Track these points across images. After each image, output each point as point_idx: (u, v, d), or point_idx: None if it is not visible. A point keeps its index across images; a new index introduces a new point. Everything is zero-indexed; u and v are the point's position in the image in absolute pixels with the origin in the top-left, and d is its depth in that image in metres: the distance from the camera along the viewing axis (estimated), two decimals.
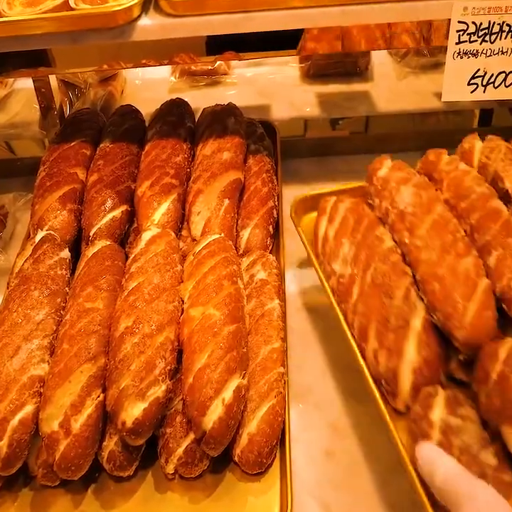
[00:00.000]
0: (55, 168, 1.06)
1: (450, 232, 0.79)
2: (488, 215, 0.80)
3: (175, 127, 1.13)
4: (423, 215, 0.81)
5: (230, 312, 0.82)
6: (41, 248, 0.94)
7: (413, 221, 0.81)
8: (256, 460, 0.78)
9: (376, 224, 0.86)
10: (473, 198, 0.82)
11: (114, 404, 0.75)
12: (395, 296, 0.76)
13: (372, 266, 0.80)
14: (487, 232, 0.78)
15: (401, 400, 0.72)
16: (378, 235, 0.84)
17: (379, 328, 0.75)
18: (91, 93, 1.41)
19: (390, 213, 0.85)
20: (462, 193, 0.84)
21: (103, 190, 1.02)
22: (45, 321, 0.85)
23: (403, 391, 0.72)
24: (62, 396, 0.76)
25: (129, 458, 0.78)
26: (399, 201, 0.84)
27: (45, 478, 0.78)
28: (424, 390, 0.69)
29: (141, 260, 0.89)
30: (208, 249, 0.91)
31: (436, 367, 0.73)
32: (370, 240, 0.84)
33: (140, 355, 0.77)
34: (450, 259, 0.75)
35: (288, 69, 1.55)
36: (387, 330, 0.74)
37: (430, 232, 0.79)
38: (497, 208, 0.81)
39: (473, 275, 0.74)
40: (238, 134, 1.11)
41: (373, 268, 0.80)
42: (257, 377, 0.81)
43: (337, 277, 0.84)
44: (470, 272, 0.74)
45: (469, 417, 0.65)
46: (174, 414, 0.80)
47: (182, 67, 1.52)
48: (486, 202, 0.82)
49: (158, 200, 1.01)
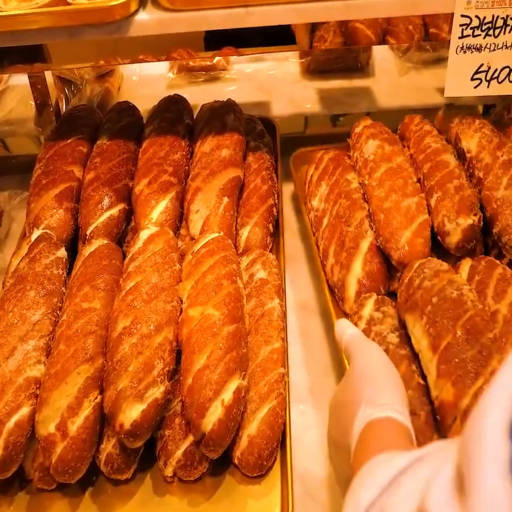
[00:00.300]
0: (51, 166, 1.06)
1: (402, 178, 0.97)
2: (436, 165, 0.98)
3: (173, 124, 1.12)
4: (382, 162, 1.00)
5: (229, 312, 0.81)
6: (37, 247, 0.93)
7: (373, 167, 1.01)
8: (256, 462, 0.77)
9: (349, 170, 1.07)
10: (428, 152, 1.01)
11: (112, 406, 0.75)
12: (351, 224, 0.96)
13: (339, 202, 1.01)
14: (433, 179, 0.96)
15: (347, 304, 0.92)
16: (349, 178, 1.05)
17: (336, 249, 0.96)
18: (87, 89, 1.41)
19: (358, 161, 1.06)
20: (421, 148, 1.02)
21: (100, 188, 1.02)
22: (42, 321, 0.84)
23: (349, 297, 0.92)
24: (58, 398, 0.75)
25: (127, 461, 0.78)
26: (365, 151, 1.04)
27: (41, 481, 0.78)
28: (362, 295, 0.89)
29: (139, 259, 0.89)
30: (207, 248, 0.90)
31: (375, 279, 0.92)
32: (341, 182, 1.04)
33: (138, 355, 0.77)
34: (396, 197, 0.94)
35: (288, 64, 1.55)
36: (342, 250, 0.95)
37: (384, 176, 0.98)
38: (445, 160, 0.98)
39: (414, 211, 0.93)
40: (237, 131, 1.11)
41: (339, 203, 1.01)
42: (257, 378, 0.81)
43: (314, 211, 1.06)
44: (411, 208, 0.93)
45: (389, 313, 0.84)
46: (173, 416, 0.79)
47: (180, 63, 1.52)
48: (437, 155, 0.99)
49: (156, 199, 1.01)
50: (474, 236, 0.91)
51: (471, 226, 0.90)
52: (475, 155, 0.98)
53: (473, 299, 0.77)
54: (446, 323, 0.72)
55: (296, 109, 1.42)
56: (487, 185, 0.94)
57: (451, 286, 0.77)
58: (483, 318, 0.74)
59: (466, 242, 0.91)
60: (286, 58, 1.56)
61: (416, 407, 0.71)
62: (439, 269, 0.81)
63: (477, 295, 0.80)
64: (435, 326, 0.73)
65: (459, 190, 0.93)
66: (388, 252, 0.92)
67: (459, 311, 0.73)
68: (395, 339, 0.80)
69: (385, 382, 0.60)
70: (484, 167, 0.96)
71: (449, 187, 0.93)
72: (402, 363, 0.76)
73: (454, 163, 0.98)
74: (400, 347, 0.79)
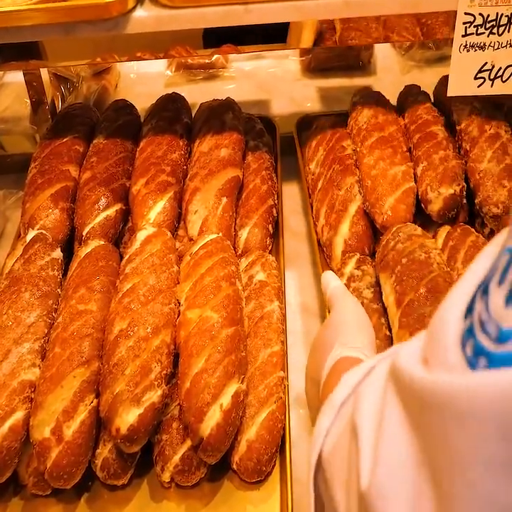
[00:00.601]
0: (47, 165, 1.05)
1: (392, 147, 1.04)
2: (425, 136, 1.04)
3: (171, 123, 1.12)
4: (374, 131, 1.07)
5: (228, 314, 0.81)
6: (32, 248, 0.93)
7: (365, 135, 1.08)
8: (255, 468, 0.77)
9: (345, 137, 1.14)
10: (419, 123, 1.07)
11: (108, 410, 0.75)
12: (342, 188, 1.04)
13: (333, 167, 1.08)
14: (421, 149, 1.03)
15: (334, 262, 1.00)
16: (344, 145, 1.12)
17: (327, 211, 1.04)
18: (84, 87, 1.41)
19: (353, 129, 1.13)
20: (413, 119, 1.09)
21: (96, 188, 1.02)
22: (37, 323, 0.84)
23: (336, 256, 1.00)
24: (53, 402, 0.75)
25: (123, 466, 0.77)
26: (360, 120, 1.12)
27: (36, 487, 0.78)
28: (347, 254, 0.98)
29: (136, 261, 0.88)
30: (206, 250, 0.90)
31: (360, 241, 1.00)
32: (336, 148, 1.12)
33: (135, 359, 0.77)
34: (384, 165, 1.01)
35: (288, 62, 1.54)
36: (332, 212, 1.03)
37: (375, 144, 1.05)
38: (434, 132, 1.04)
39: (399, 179, 1.00)
40: (236, 130, 1.11)
41: (333, 168, 1.08)
42: (256, 381, 0.81)
43: (311, 175, 1.14)
44: (398, 176, 1.00)
45: (368, 272, 0.93)
46: (170, 421, 0.79)
47: (178, 61, 1.51)
48: (427, 127, 1.06)
49: (153, 199, 1.01)
50: (455, 205, 0.99)
51: (452, 195, 0.97)
52: (464, 128, 1.05)
53: (440, 262, 0.85)
54: (410, 282, 0.81)
55: (296, 108, 1.41)
56: (472, 157, 1.01)
57: (421, 249, 0.86)
58: (446, 279, 0.82)
59: (447, 211, 0.98)
60: (286, 56, 1.56)
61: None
62: (413, 233, 0.90)
63: (449, 259, 0.90)
64: (401, 284, 0.82)
65: (443, 160, 1.00)
66: (373, 216, 0.99)
67: (424, 272, 0.82)
68: (370, 295, 0.89)
69: (358, 330, 0.67)
70: (471, 140, 1.03)
71: (435, 158, 1.00)
72: (373, 316, 0.85)
73: (442, 134, 1.04)
74: (373, 302, 0.88)
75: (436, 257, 0.85)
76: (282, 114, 1.38)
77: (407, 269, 0.83)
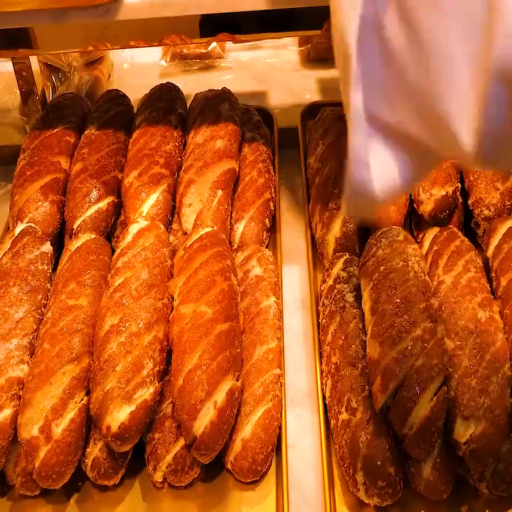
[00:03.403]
0: (36, 157, 1.06)
1: None
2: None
3: (165, 113, 1.12)
4: None
5: (222, 310, 0.81)
6: (21, 241, 0.93)
7: None
8: (250, 467, 0.78)
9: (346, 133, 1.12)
10: None
11: (99, 408, 0.75)
12: (337, 187, 1.04)
13: (329, 163, 1.09)
14: None
15: (326, 260, 1.02)
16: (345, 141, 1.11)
17: (321, 208, 1.06)
18: (75, 77, 1.41)
19: None
20: None
21: (88, 180, 1.02)
22: (25, 319, 0.84)
23: (328, 254, 1.03)
24: (42, 399, 0.75)
25: (114, 465, 0.78)
26: None
27: (24, 487, 0.78)
28: (336, 254, 1.00)
29: (128, 254, 0.89)
30: (200, 243, 0.91)
31: (351, 240, 1.01)
32: (336, 142, 1.10)
33: (126, 355, 0.77)
34: None
35: (286, 53, 1.55)
36: (326, 210, 1.04)
37: None
38: None
39: None
40: (232, 121, 1.11)
41: (329, 166, 1.08)
42: (251, 379, 0.81)
43: (310, 169, 1.14)
44: None
45: (354, 274, 0.95)
46: (163, 419, 0.79)
47: (173, 51, 1.52)
48: None
49: (146, 191, 1.01)
50: (447, 206, 1.01)
51: (443, 197, 1.00)
52: None
53: (418, 270, 0.86)
54: (385, 291, 0.84)
55: (294, 100, 1.41)
56: None
57: (400, 256, 0.88)
58: (420, 288, 0.84)
59: (438, 212, 1.01)
60: (284, 46, 1.56)
61: (356, 360, 0.82)
62: (395, 239, 0.92)
63: (431, 265, 0.92)
64: (377, 291, 0.84)
65: None
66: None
67: (400, 281, 0.84)
68: (351, 298, 0.91)
69: None
70: None
71: None
72: (352, 321, 0.87)
73: None
74: (353, 306, 0.90)
75: (414, 265, 0.87)
76: (281, 106, 1.38)
77: (383, 277, 0.85)
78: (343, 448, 0.77)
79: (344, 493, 0.79)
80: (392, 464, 0.75)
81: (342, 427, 0.78)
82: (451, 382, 0.77)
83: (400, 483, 0.75)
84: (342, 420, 0.78)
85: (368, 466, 0.74)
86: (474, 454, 0.74)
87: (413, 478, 0.77)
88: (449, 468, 0.77)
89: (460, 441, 0.75)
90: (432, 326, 0.79)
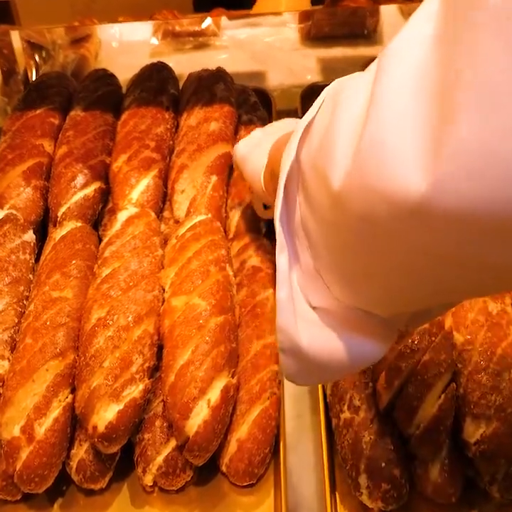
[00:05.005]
0: (18, 139, 1.04)
1: None
2: None
3: (156, 94, 1.11)
4: None
5: (217, 302, 0.81)
6: (1, 230, 0.92)
7: None
8: (246, 470, 0.77)
9: None
10: None
11: (84, 407, 0.75)
12: None
13: None
14: None
15: None
16: None
17: None
18: (60, 56, 1.40)
19: None
20: None
21: (73, 164, 1.01)
22: (5, 312, 0.84)
23: None
24: (24, 397, 0.75)
25: (101, 468, 0.77)
26: None
27: (4, 491, 0.77)
28: None
29: (116, 244, 0.88)
30: (193, 232, 0.90)
31: None
32: None
33: (114, 350, 0.76)
34: None
35: (286, 30, 1.55)
36: None
37: None
38: None
39: None
40: (228, 102, 1.10)
41: None
42: (247, 375, 0.81)
43: None
44: None
45: None
46: (153, 418, 0.79)
47: (165, 28, 1.51)
48: None
49: (136, 177, 1.00)
50: None
51: None
52: None
53: None
54: None
55: (294, 81, 1.41)
56: None
57: None
58: None
59: None
60: (283, 23, 1.55)
61: None
62: None
63: None
64: None
65: None
66: None
67: None
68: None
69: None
70: None
71: None
72: None
73: None
74: None
75: None
76: (279, 87, 1.38)
77: None
78: (345, 449, 0.77)
79: (346, 497, 0.79)
80: (397, 465, 0.74)
81: (344, 426, 0.78)
82: (460, 378, 0.76)
83: (405, 485, 0.75)
84: (344, 419, 0.78)
85: (372, 467, 0.74)
86: (485, 455, 0.73)
87: (419, 480, 0.76)
88: (457, 470, 0.76)
89: (470, 442, 0.74)
90: (439, 319, 0.79)
